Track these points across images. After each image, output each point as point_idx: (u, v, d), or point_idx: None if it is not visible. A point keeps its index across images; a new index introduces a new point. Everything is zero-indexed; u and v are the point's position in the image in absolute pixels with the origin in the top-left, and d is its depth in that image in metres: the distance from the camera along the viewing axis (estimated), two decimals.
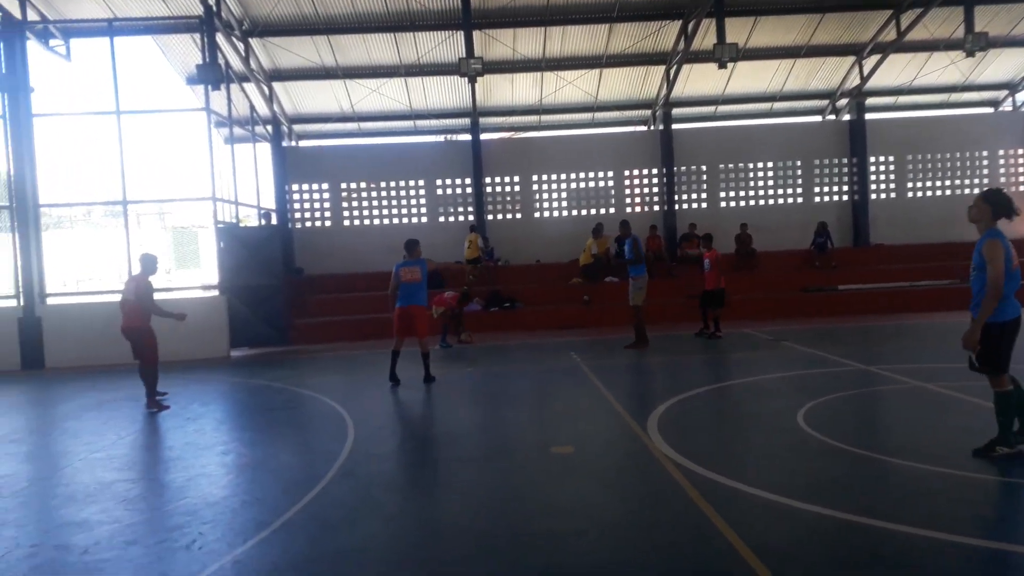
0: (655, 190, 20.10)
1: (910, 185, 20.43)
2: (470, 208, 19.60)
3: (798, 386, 8.72)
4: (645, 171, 20.07)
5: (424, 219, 19.71)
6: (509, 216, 19.98)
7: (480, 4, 16.26)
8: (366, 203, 19.75)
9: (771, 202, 20.28)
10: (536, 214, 20.03)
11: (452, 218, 19.78)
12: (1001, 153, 20.45)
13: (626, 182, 20.14)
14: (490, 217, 19.66)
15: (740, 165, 20.17)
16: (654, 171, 19.99)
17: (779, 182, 20.30)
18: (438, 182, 19.75)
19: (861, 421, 7.40)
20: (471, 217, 19.42)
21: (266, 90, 17.86)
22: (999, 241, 5.21)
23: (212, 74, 14.14)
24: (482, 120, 19.76)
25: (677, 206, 19.84)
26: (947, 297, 16.07)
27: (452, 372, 10.93)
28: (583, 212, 19.92)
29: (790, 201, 20.28)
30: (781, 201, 20.29)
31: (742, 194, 20.26)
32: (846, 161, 20.16)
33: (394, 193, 19.73)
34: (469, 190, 19.60)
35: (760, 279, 17.83)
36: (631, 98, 20.31)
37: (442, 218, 19.79)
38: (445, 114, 20.26)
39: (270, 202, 18.80)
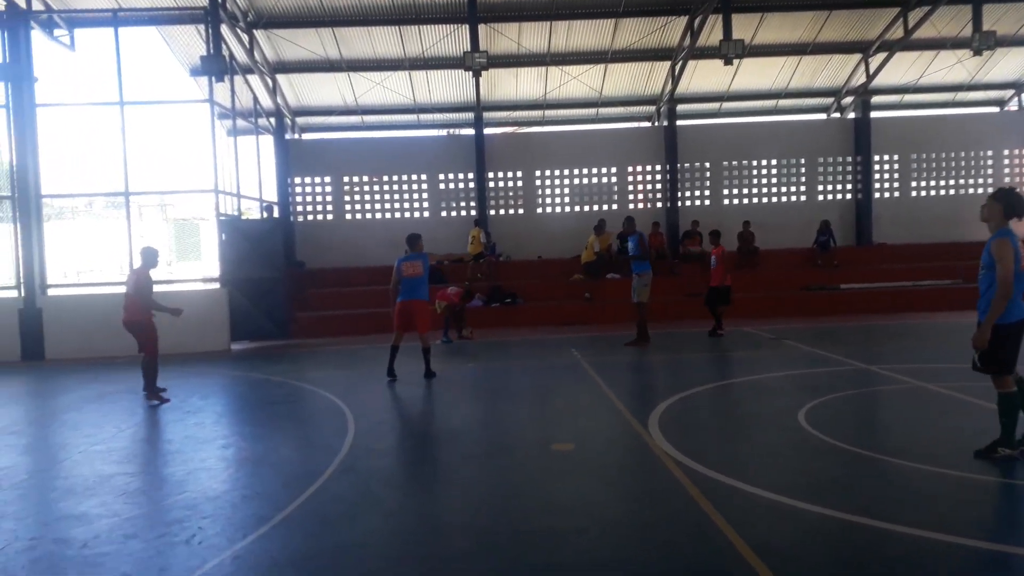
0: (658, 187, 20.04)
1: (914, 184, 20.33)
2: (472, 203, 19.56)
3: (799, 385, 8.70)
4: (648, 167, 19.99)
5: (426, 213, 19.68)
6: (511, 211, 19.93)
7: None
8: (368, 197, 19.72)
9: (774, 200, 20.20)
10: (538, 210, 19.98)
11: (454, 212, 19.75)
12: (1006, 153, 20.35)
13: (629, 178, 20.09)
14: (492, 212, 19.60)
15: (744, 162, 20.10)
16: (657, 167, 19.93)
17: (783, 180, 20.22)
18: (440, 176, 19.69)
19: (862, 421, 7.39)
20: (473, 212, 19.38)
21: (270, 82, 17.82)
22: (1009, 240, 5.18)
23: (216, 66, 14.09)
24: (486, 115, 19.71)
25: (680, 203, 19.78)
26: (950, 297, 16.06)
27: (453, 368, 10.93)
28: (585, 208, 19.86)
29: (793, 199, 20.20)
30: (784, 199, 20.21)
31: (745, 191, 20.18)
32: (850, 159, 20.07)
33: (396, 187, 19.70)
34: (471, 185, 19.54)
35: (762, 277, 17.78)
36: (635, 94, 20.24)
37: (444, 212, 19.75)
38: (448, 108, 20.21)
39: (272, 195, 18.77)
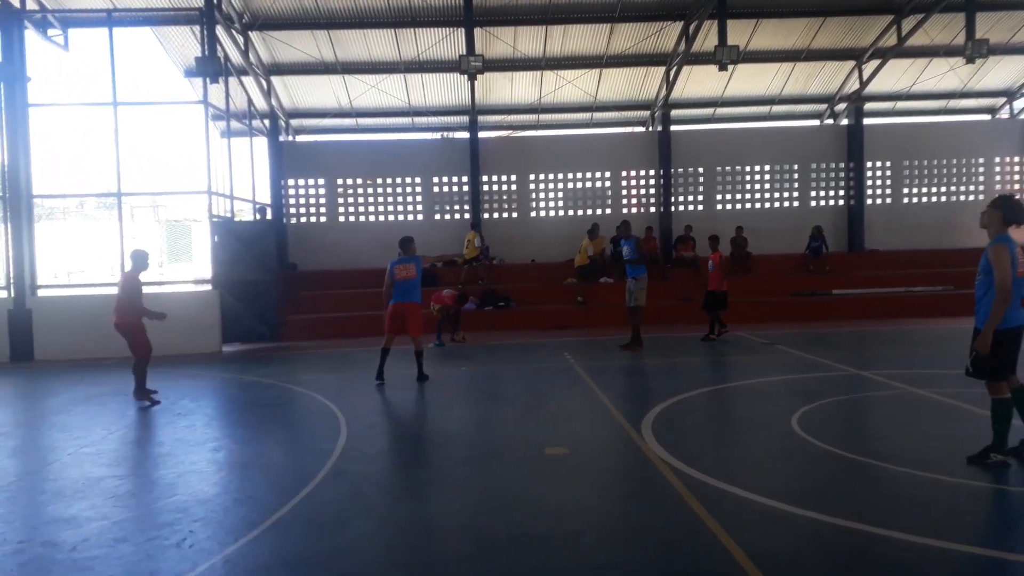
0: (652, 191, 20.07)
1: (906, 191, 20.43)
2: (466, 206, 19.55)
3: (792, 390, 8.70)
4: (642, 172, 20.02)
5: (420, 216, 19.65)
6: (505, 215, 19.92)
7: (482, 1, 16.18)
8: (362, 199, 19.68)
9: (767, 205, 20.27)
10: (532, 213, 19.97)
11: (448, 216, 19.73)
12: (997, 160, 20.48)
13: (623, 183, 20.12)
14: (486, 216, 19.58)
15: (737, 168, 20.15)
16: (651, 172, 19.95)
17: (775, 185, 20.29)
18: (435, 180, 19.67)
19: (855, 426, 7.41)
20: (467, 215, 19.37)
21: (264, 84, 17.77)
22: (1006, 246, 5.23)
23: (211, 67, 14.04)
24: (480, 118, 19.69)
25: (673, 208, 19.82)
26: (942, 303, 16.14)
27: (445, 371, 10.90)
28: (579, 212, 19.87)
29: (786, 205, 20.27)
30: (777, 205, 20.28)
31: (738, 197, 20.25)
32: (843, 166, 20.17)
33: (390, 190, 19.67)
34: (466, 188, 19.53)
35: (754, 282, 17.82)
36: (630, 99, 20.29)
37: (438, 216, 19.73)
38: (443, 111, 20.20)
39: (265, 197, 18.70)
